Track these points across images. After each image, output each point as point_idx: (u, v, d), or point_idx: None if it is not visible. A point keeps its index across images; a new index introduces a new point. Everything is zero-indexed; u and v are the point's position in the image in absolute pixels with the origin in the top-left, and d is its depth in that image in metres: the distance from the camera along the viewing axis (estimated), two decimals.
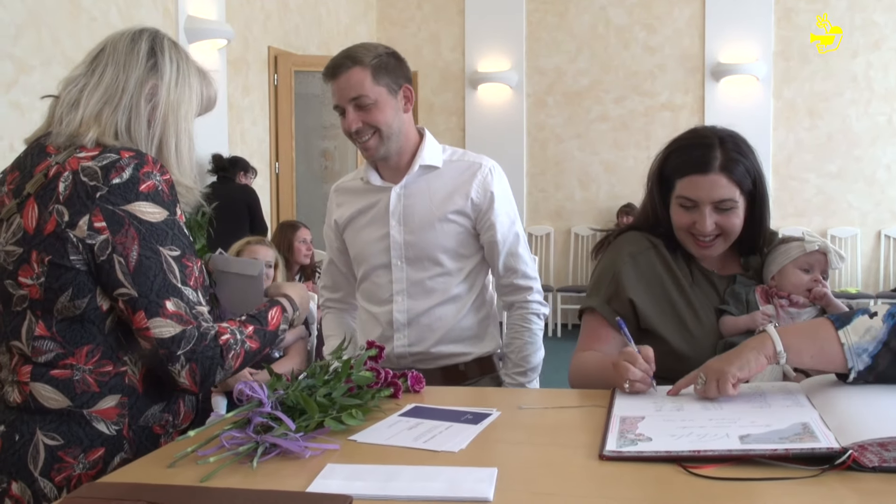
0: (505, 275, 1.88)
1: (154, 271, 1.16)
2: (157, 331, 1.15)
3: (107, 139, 1.22)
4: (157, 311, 1.15)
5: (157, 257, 1.17)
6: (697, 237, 1.50)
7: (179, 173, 1.28)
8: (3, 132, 3.40)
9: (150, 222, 1.17)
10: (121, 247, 1.15)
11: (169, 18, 4.57)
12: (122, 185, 1.16)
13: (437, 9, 7.42)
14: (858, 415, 1.06)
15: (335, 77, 1.75)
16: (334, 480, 0.98)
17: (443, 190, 1.83)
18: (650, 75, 6.96)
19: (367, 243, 1.87)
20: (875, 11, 6.48)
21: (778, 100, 6.70)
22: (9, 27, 3.42)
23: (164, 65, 1.28)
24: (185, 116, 1.29)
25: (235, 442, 1.09)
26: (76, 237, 1.15)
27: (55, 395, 1.17)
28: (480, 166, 1.86)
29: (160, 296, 1.16)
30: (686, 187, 1.48)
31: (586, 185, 7.16)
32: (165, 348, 1.15)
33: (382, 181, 1.86)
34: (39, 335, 1.18)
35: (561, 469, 1.03)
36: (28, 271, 1.17)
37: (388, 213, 1.84)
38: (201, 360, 1.17)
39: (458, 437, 1.15)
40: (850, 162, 6.62)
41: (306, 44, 6.31)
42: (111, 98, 1.24)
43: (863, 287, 6.60)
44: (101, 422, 1.18)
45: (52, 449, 1.17)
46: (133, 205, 1.16)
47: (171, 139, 1.27)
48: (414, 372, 1.46)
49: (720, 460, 0.99)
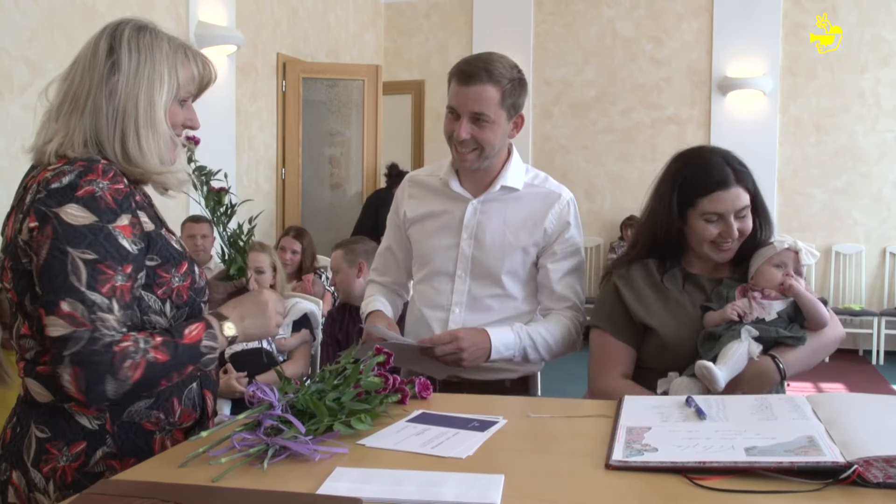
0: (558, 300, 1.86)
1: (56, 271, 1.14)
2: (50, 329, 1.13)
3: (68, 150, 1.22)
4: (52, 310, 1.13)
5: (64, 258, 1.14)
6: (721, 245, 1.68)
7: (146, 162, 1.26)
8: (17, 134, 3.42)
9: (70, 224, 1.15)
10: (36, 245, 1.16)
11: (180, 24, 4.61)
12: (59, 189, 1.16)
13: (445, 18, 7.46)
14: (864, 430, 1.07)
15: (467, 84, 1.72)
16: (343, 483, 0.99)
17: (518, 215, 1.85)
18: (657, 88, 6.98)
19: (435, 248, 1.88)
20: (884, 28, 6.50)
21: (784, 115, 6.71)
22: (24, 30, 3.45)
23: (123, 58, 1.25)
24: (147, 104, 1.25)
25: (246, 443, 1.10)
26: (23, 241, 1.19)
27: (41, 389, 1.23)
28: (559, 197, 1.88)
29: (58, 295, 1.13)
30: (712, 204, 1.64)
31: (592, 197, 7.17)
32: (55, 348, 1.13)
33: (462, 189, 1.87)
34: (24, 334, 1.24)
35: (567, 477, 1.04)
36: (6, 277, 1.23)
37: (461, 225, 1.86)
38: (87, 364, 1.12)
39: (466, 443, 1.16)
40: (856, 178, 6.62)
41: (315, 51, 6.35)
42: (77, 104, 1.25)
43: (867, 304, 6.59)
44: (83, 416, 1.22)
45: (42, 441, 1.22)
46: (62, 207, 1.15)
47: (130, 130, 1.24)
48: (422, 378, 1.47)
49: (725, 472, 1.00)
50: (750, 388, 1.53)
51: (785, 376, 1.57)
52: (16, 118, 3.43)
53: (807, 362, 1.61)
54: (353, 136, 6.37)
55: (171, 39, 1.30)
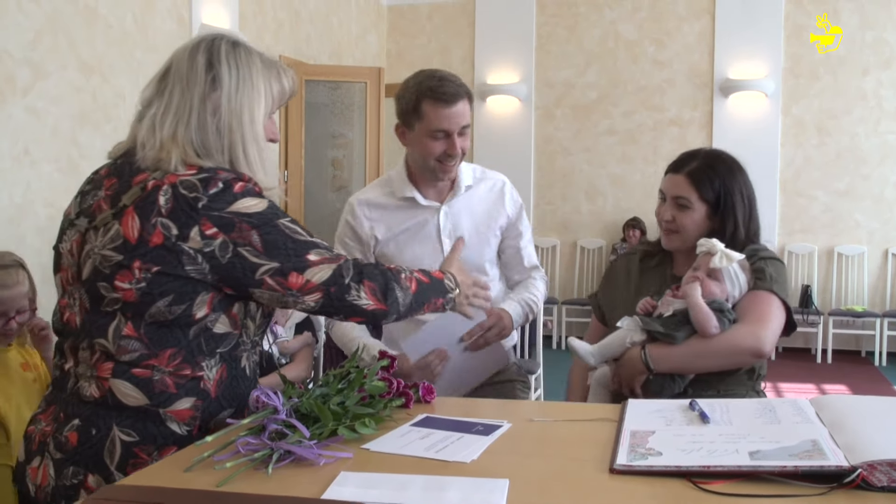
0: (528, 271, 2.14)
1: (282, 240, 1.23)
2: (317, 277, 1.23)
3: (193, 158, 1.26)
4: (305, 265, 1.23)
5: (278, 229, 1.23)
6: (662, 225, 1.82)
7: (253, 176, 1.31)
8: (20, 136, 3.43)
9: (258, 211, 1.23)
10: (241, 239, 1.21)
11: (183, 26, 4.62)
12: (218, 192, 1.22)
13: (447, 21, 7.46)
14: (868, 433, 1.07)
15: (452, 104, 1.88)
16: (348, 488, 1.00)
17: (481, 207, 2.07)
18: (659, 90, 6.98)
19: (418, 257, 1.98)
20: (886, 30, 6.50)
21: (787, 116, 6.71)
22: (27, 33, 3.46)
23: (223, 74, 1.30)
24: (250, 120, 1.31)
25: (251, 448, 1.10)
26: (192, 248, 1.20)
27: (134, 392, 1.22)
28: (504, 183, 2.13)
29: (299, 253, 1.23)
30: (663, 182, 1.83)
31: (593, 199, 7.17)
32: (333, 285, 1.24)
33: (427, 200, 2.02)
34: (127, 335, 1.22)
35: (572, 482, 1.04)
36: (127, 276, 1.20)
37: (437, 231, 2.02)
38: (373, 276, 1.28)
39: (470, 447, 1.16)
40: (858, 180, 6.61)
41: (317, 53, 6.36)
42: (181, 118, 1.28)
43: (869, 305, 6.58)
44: (175, 422, 1.23)
45: (128, 445, 1.21)
46: (234, 205, 1.22)
47: (238, 146, 1.30)
48: (426, 382, 1.47)
49: (729, 476, 1.00)
50: (622, 371, 1.68)
51: (651, 369, 1.64)
52: (18, 120, 3.44)
53: (686, 363, 1.65)
54: (355, 138, 6.38)
55: (262, 55, 1.36)
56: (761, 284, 1.70)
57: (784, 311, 1.70)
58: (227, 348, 1.29)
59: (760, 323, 1.64)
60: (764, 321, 1.65)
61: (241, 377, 1.32)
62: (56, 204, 3.54)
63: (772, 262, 1.75)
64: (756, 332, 1.63)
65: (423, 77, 1.92)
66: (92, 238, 1.24)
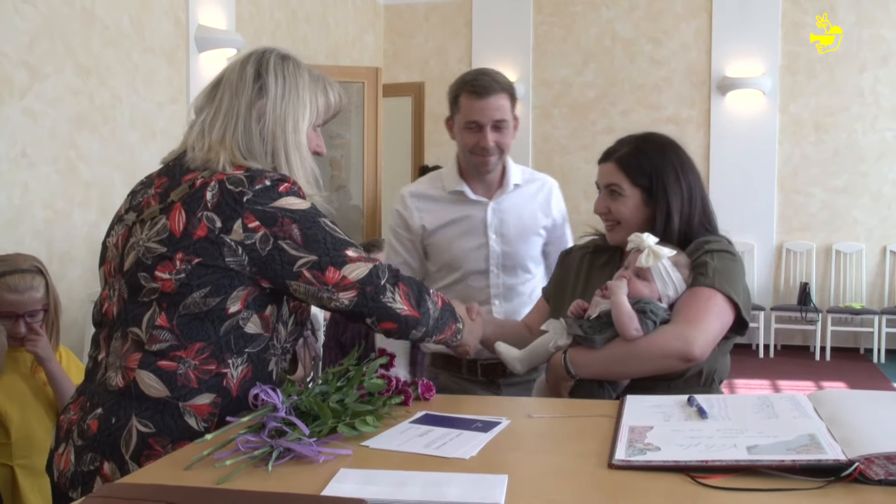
0: None
1: (322, 235, 1.27)
2: (354, 274, 1.27)
3: (240, 160, 1.30)
4: (344, 261, 1.27)
5: (319, 226, 1.27)
6: (602, 219, 1.78)
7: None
8: (17, 138, 3.43)
9: (301, 209, 1.27)
10: (282, 233, 1.24)
11: (180, 28, 4.62)
12: (264, 188, 1.26)
13: (444, 21, 7.47)
14: (865, 427, 1.07)
15: (484, 97, 1.95)
16: (348, 484, 1.00)
17: (528, 207, 2.14)
18: (656, 88, 6.99)
19: (464, 251, 2.08)
20: (883, 26, 6.51)
21: (784, 114, 6.72)
22: (23, 35, 3.46)
23: (270, 84, 1.35)
24: (293, 129, 1.36)
25: (251, 446, 1.10)
26: (233, 241, 1.23)
27: (157, 384, 1.24)
28: (553, 185, 2.22)
29: (338, 249, 1.27)
30: (598, 173, 1.78)
31: (591, 197, 6.99)
32: (369, 284, 1.28)
33: (476, 195, 2.09)
34: (159, 325, 1.25)
35: (571, 477, 1.04)
36: (168, 267, 1.24)
37: (485, 226, 2.08)
38: (408, 282, 1.33)
39: (469, 444, 1.16)
40: (856, 177, 6.63)
41: (315, 53, 6.36)
42: (228, 124, 1.34)
43: (867, 303, 6.59)
44: (193, 416, 1.25)
45: (144, 436, 1.23)
46: (278, 201, 1.26)
47: (280, 152, 1.35)
48: (424, 380, 1.48)
49: (728, 470, 1.00)
50: (548, 377, 1.61)
51: (573, 375, 1.53)
52: (15, 122, 3.44)
53: (608, 368, 1.51)
54: (353, 139, 6.38)
55: (310, 70, 1.41)
56: (702, 280, 1.54)
57: (731, 309, 1.53)
58: (257, 349, 1.31)
59: (691, 324, 1.48)
60: (696, 321, 1.48)
61: (267, 381, 1.33)
62: (54, 206, 3.54)
63: (719, 254, 1.57)
64: (684, 333, 1.47)
65: (467, 72, 2.05)
66: (137, 231, 1.29)
